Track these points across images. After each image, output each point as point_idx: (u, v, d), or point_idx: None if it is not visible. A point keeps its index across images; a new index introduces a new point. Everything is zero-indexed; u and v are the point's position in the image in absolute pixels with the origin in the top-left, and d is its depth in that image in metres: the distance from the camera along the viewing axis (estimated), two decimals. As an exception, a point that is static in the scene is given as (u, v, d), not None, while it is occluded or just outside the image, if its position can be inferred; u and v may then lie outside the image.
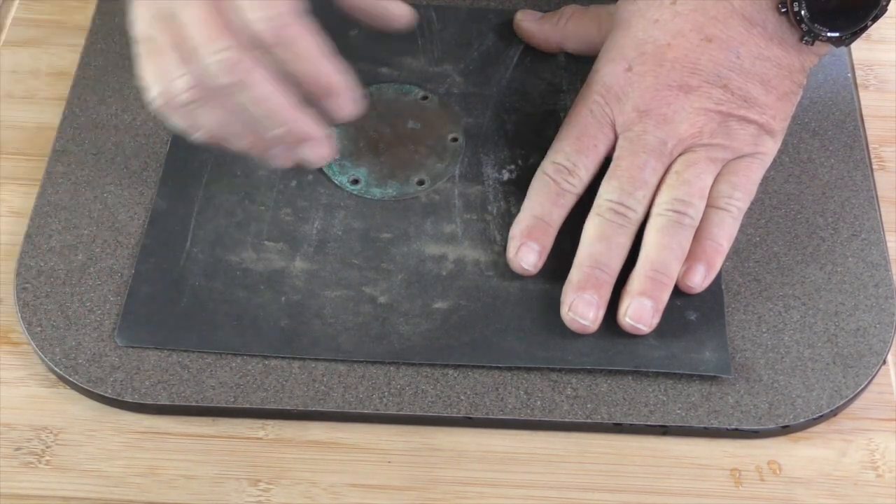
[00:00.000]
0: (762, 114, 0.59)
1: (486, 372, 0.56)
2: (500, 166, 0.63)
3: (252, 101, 0.53)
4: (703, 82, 0.58)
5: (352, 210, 0.61)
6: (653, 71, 0.59)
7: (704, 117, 0.58)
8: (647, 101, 0.59)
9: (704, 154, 0.58)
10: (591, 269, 0.57)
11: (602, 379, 0.56)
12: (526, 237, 0.58)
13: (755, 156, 0.59)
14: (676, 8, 0.59)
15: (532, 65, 0.67)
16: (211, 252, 0.59)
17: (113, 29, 0.68)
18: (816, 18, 0.57)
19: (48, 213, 0.61)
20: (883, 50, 0.70)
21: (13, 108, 0.67)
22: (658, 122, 0.58)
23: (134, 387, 0.55)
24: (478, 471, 0.54)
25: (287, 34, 0.53)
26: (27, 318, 0.57)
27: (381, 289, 0.58)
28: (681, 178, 0.58)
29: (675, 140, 0.58)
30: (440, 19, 0.69)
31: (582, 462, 0.54)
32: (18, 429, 0.55)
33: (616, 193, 0.58)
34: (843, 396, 0.55)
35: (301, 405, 0.55)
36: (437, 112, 0.65)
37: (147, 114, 0.65)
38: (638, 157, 0.58)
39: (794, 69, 0.59)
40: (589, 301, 0.56)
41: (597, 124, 0.59)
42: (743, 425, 0.55)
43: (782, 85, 0.59)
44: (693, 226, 0.58)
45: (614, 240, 0.57)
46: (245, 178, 0.62)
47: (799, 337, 0.57)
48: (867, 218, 0.61)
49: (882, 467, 0.54)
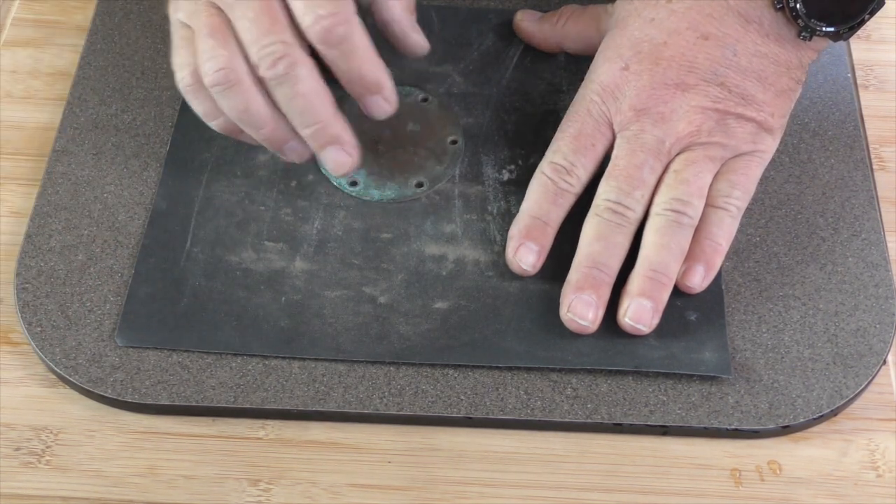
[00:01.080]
0: (760, 111, 0.59)
1: (486, 372, 0.56)
2: (500, 166, 0.63)
3: (293, 94, 0.55)
4: (701, 80, 0.58)
5: (352, 210, 0.61)
6: (649, 70, 0.59)
7: (702, 115, 0.58)
8: (644, 99, 0.59)
9: (703, 153, 0.58)
10: (590, 270, 0.57)
11: (602, 379, 0.56)
12: (524, 237, 0.58)
13: (754, 154, 0.59)
14: (672, 6, 0.59)
15: (532, 65, 0.67)
16: (211, 252, 0.59)
17: (113, 29, 0.68)
18: (813, 14, 0.57)
19: (48, 213, 0.61)
20: (883, 50, 0.70)
21: (13, 108, 0.67)
22: (655, 121, 0.58)
23: (134, 387, 0.55)
24: (478, 471, 0.54)
25: (338, 33, 0.55)
26: (27, 318, 0.57)
27: (382, 289, 0.58)
28: (679, 178, 0.58)
29: (673, 139, 0.58)
30: (440, 19, 0.69)
31: (582, 462, 0.54)
32: (18, 429, 0.55)
33: (614, 193, 0.58)
34: (843, 396, 0.55)
35: (301, 405, 0.55)
36: (436, 114, 0.65)
37: (147, 114, 0.65)
38: (636, 156, 0.58)
39: (791, 65, 0.59)
40: (587, 301, 0.56)
41: (594, 124, 0.59)
42: (743, 425, 0.55)
43: (780, 82, 0.59)
44: (692, 225, 0.58)
45: (612, 240, 0.57)
46: (245, 178, 0.62)
47: (799, 337, 0.57)
48: (867, 218, 0.61)
49: (882, 467, 0.54)
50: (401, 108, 0.65)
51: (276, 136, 0.58)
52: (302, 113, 0.56)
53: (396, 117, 0.64)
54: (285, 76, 0.55)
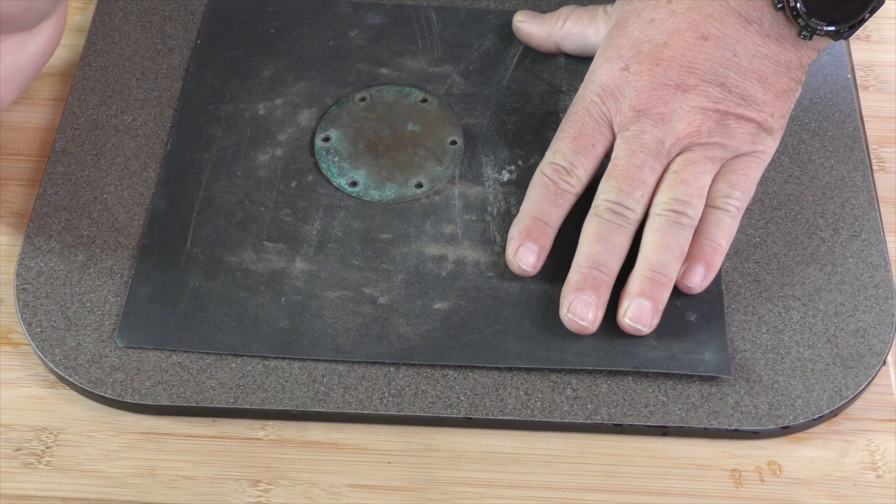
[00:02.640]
0: (760, 112, 0.59)
1: (485, 372, 0.56)
2: (500, 167, 0.63)
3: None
4: (701, 81, 0.58)
5: (352, 210, 0.61)
6: (649, 70, 0.59)
7: (702, 116, 0.58)
8: (644, 100, 0.59)
9: (703, 153, 0.58)
10: (590, 270, 0.57)
11: (602, 379, 0.56)
12: (524, 238, 0.58)
13: (753, 154, 0.59)
14: (672, 7, 0.59)
15: (532, 65, 0.67)
16: (211, 253, 0.59)
17: (113, 29, 0.68)
18: (813, 13, 0.57)
19: (48, 213, 0.61)
20: (883, 51, 0.70)
21: (13, 108, 0.66)
22: (655, 122, 0.58)
23: (134, 387, 0.55)
24: (477, 471, 0.54)
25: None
26: (27, 319, 0.57)
27: (381, 289, 0.58)
28: (679, 178, 0.58)
29: (673, 139, 0.58)
30: (440, 20, 0.69)
31: (582, 463, 0.54)
32: (18, 429, 0.55)
33: (614, 193, 0.58)
34: (843, 397, 0.55)
35: (301, 406, 0.55)
36: (436, 115, 0.65)
37: (147, 114, 0.65)
38: (636, 156, 0.58)
39: (791, 66, 0.59)
40: (587, 302, 0.56)
41: (594, 124, 0.59)
42: (743, 426, 0.55)
43: (780, 82, 0.59)
44: (692, 225, 0.58)
45: (612, 240, 0.57)
46: (245, 178, 0.62)
47: (799, 338, 0.57)
48: (867, 219, 0.61)
49: (882, 468, 0.54)
50: (400, 109, 0.65)
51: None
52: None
53: (396, 118, 0.65)
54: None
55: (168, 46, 0.68)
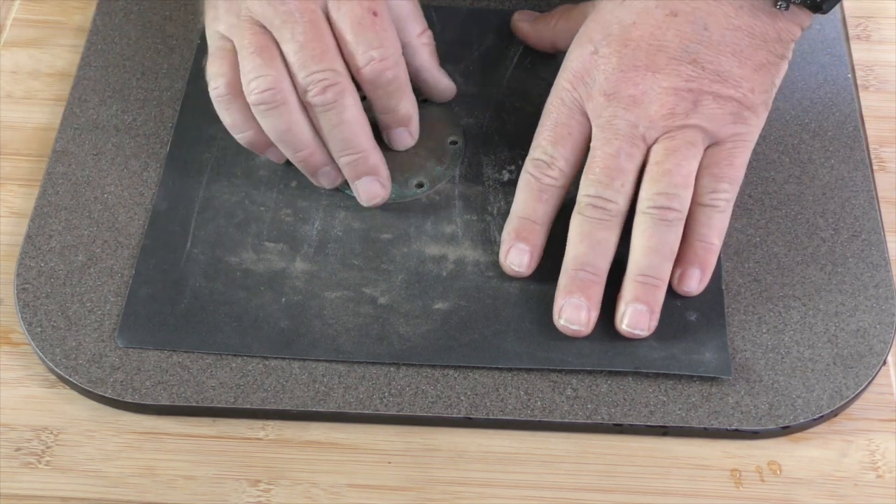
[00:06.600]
0: (738, 87, 0.57)
1: (486, 373, 0.56)
2: (501, 166, 0.63)
3: (338, 122, 0.57)
4: (671, 59, 0.56)
5: (352, 210, 0.61)
6: (617, 52, 0.57)
7: (675, 97, 0.56)
8: (614, 83, 0.57)
9: (682, 139, 0.56)
10: (576, 272, 0.56)
11: (602, 379, 0.56)
12: (514, 239, 0.58)
13: (737, 139, 0.57)
14: None
15: (532, 65, 0.67)
16: (211, 253, 0.59)
17: (113, 29, 0.68)
18: None
19: (48, 213, 0.61)
20: (883, 50, 0.70)
21: (13, 108, 0.67)
22: (627, 105, 0.56)
23: (134, 387, 0.55)
24: (477, 471, 0.54)
25: (388, 76, 0.58)
26: (27, 319, 0.57)
27: (382, 289, 0.58)
28: (661, 169, 0.56)
29: (647, 122, 0.56)
30: (440, 20, 0.69)
31: (582, 463, 0.54)
32: (18, 429, 0.55)
33: (593, 187, 0.56)
34: (843, 397, 0.55)
35: (301, 406, 0.55)
36: (436, 115, 0.65)
37: (147, 114, 0.65)
38: (610, 144, 0.56)
39: (769, 38, 0.57)
40: (577, 305, 0.56)
41: (568, 112, 0.58)
42: (743, 426, 0.55)
43: (757, 55, 0.57)
44: (680, 219, 0.56)
45: (597, 237, 0.56)
46: (245, 178, 0.62)
47: (799, 337, 0.57)
48: (867, 219, 0.61)
49: (882, 468, 0.54)
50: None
51: (314, 160, 0.59)
52: (344, 141, 0.58)
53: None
54: (333, 104, 0.57)
55: (168, 46, 0.68)
